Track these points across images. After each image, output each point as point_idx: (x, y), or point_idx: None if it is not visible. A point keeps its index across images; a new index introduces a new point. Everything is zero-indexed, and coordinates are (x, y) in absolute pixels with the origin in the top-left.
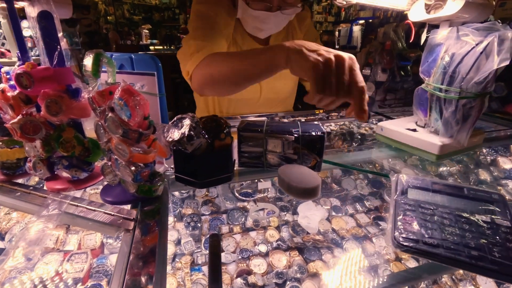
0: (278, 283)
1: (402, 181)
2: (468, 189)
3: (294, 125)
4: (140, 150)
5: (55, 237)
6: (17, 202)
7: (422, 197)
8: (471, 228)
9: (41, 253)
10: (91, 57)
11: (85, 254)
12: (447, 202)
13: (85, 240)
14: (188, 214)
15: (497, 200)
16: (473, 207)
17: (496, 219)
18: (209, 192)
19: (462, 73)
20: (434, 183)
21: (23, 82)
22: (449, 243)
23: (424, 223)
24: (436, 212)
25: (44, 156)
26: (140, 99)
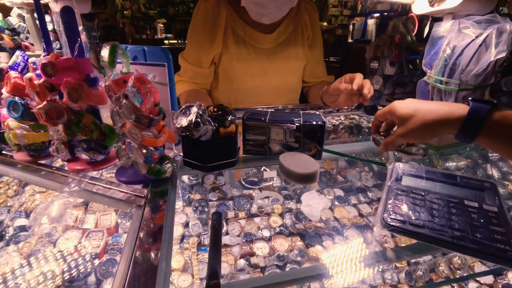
0: (279, 265)
1: (397, 169)
2: (461, 177)
3: (296, 115)
4: (151, 134)
5: (75, 216)
6: (42, 180)
7: (415, 183)
8: (458, 212)
9: (62, 230)
10: (108, 48)
11: (101, 232)
12: (439, 189)
13: (101, 219)
14: (197, 199)
15: (488, 188)
16: (463, 194)
17: (484, 204)
18: (216, 180)
19: (462, 65)
20: (428, 171)
21: (48, 71)
22: (434, 224)
23: (413, 206)
24: (426, 197)
25: (66, 139)
26: (151, 87)
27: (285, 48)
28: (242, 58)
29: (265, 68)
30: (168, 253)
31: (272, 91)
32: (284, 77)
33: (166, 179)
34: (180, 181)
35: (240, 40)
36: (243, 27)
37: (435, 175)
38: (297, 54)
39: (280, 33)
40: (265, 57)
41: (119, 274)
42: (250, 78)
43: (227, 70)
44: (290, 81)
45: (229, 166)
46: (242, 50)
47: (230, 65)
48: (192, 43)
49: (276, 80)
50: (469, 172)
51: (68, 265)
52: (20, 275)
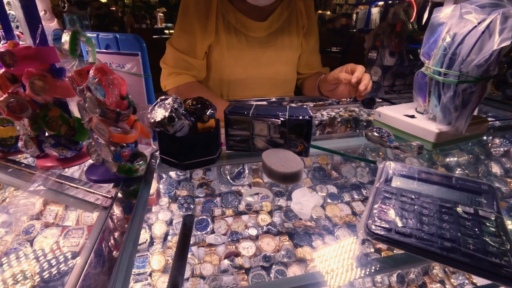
0: (265, 266)
1: (388, 168)
2: (457, 178)
3: (282, 109)
4: (120, 130)
5: (55, 213)
6: (8, 177)
7: (406, 185)
8: (451, 219)
9: (40, 227)
10: (68, 35)
11: (81, 230)
12: (431, 192)
13: (82, 217)
14: (183, 195)
15: (486, 191)
16: (458, 197)
17: (480, 210)
18: (205, 175)
19: (462, 54)
20: (422, 172)
21: (7, 60)
22: (422, 233)
23: (401, 211)
24: (416, 201)
25: (33, 134)
26: (113, 78)
27: (278, 37)
28: (233, 47)
29: (257, 58)
30: (131, 258)
31: (265, 83)
32: (278, 68)
33: (139, 178)
34: (168, 176)
35: (231, 28)
36: (234, 13)
37: (429, 175)
38: (292, 43)
39: (273, 21)
40: (258, 47)
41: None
42: (241, 68)
43: (217, 60)
44: (284, 71)
45: (209, 163)
46: (233, 38)
47: (221, 55)
48: (183, 30)
49: (269, 71)
50: (470, 169)
51: (46, 264)
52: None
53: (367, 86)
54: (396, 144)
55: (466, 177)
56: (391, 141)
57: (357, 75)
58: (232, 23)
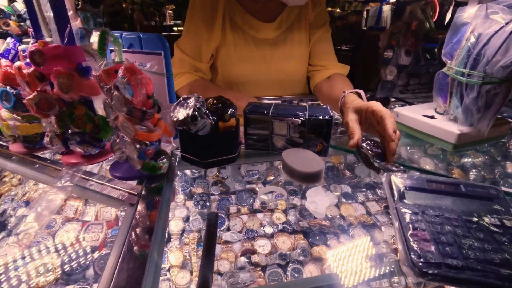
0: (281, 264)
1: (396, 182)
2: (465, 185)
3: (301, 108)
4: (144, 128)
5: (75, 208)
6: (36, 173)
7: (422, 200)
8: (486, 236)
9: (62, 222)
10: (97, 35)
11: (101, 225)
12: (449, 204)
13: (101, 212)
14: (198, 193)
15: (496, 196)
16: (476, 207)
17: (504, 219)
18: (219, 173)
19: (487, 55)
20: (429, 181)
21: (36, 59)
22: (474, 263)
23: (438, 236)
24: (443, 219)
25: (59, 131)
26: (142, 78)
27: (288, 36)
28: (241, 49)
29: (266, 59)
30: (160, 252)
31: (275, 84)
32: (288, 69)
33: (162, 175)
34: (183, 173)
35: (238, 29)
36: (241, 15)
37: (438, 185)
38: (301, 42)
39: (282, 21)
40: (267, 48)
41: (105, 273)
42: (249, 70)
43: (224, 62)
44: (294, 72)
45: (229, 162)
46: (241, 40)
47: (228, 56)
48: (189, 32)
49: (278, 72)
50: (486, 170)
51: (67, 257)
52: (18, 267)
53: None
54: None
55: (472, 182)
56: (380, 160)
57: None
58: (240, 24)
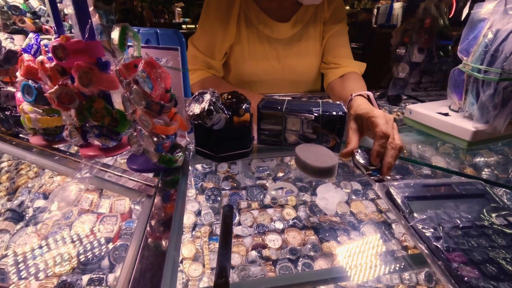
0: (291, 259)
1: (396, 193)
2: (456, 184)
3: (315, 104)
4: (162, 122)
5: (90, 200)
6: (56, 164)
7: (427, 210)
8: (509, 241)
9: (77, 213)
10: (118, 30)
11: (115, 217)
12: (453, 209)
13: (115, 204)
14: (209, 187)
15: (485, 191)
16: (477, 208)
17: (508, 217)
18: (230, 169)
19: (505, 52)
20: (425, 186)
21: (59, 54)
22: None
23: (471, 254)
24: (462, 230)
25: (78, 124)
26: (161, 72)
27: (302, 35)
28: (255, 48)
29: (280, 59)
30: (178, 243)
31: (288, 83)
32: (301, 69)
33: (177, 168)
34: (194, 168)
35: (253, 28)
36: (257, 14)
37: (434, 189)
38: (316, 40)
39: (297, 20)
40: (281, 47)
41: (127, 261)
42: (263, 70)
43: (238, 61)
44: (308, 71)
45: (243, 156)
46: (255, 39)
47: (242, 56)
48: (204, 30)
49: (292, 72)
50: (499, 169)
51: (83, 248)
52: (37, 256)
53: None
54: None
55: (459, 180)
56: (375, 174)
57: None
58: (254, 23)
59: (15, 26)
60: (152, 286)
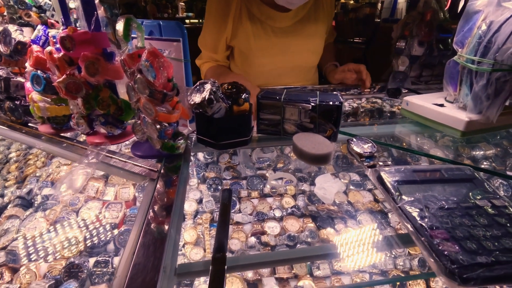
0: (289, 245)
1: (387, 179)
2: (445, 170)
3: (312, 94)
4: (164, 110)
5: (96, 188)
6: (64, 151)
7: (416, 193)
8: (490, 221)
9: (84, 200)
10: (123, 21)
11: (120, 204)
12: (441, 192)
13: (120, 192)
14: (211, 177)
15: (473, 176)
16: (464, 191)
17: (492, 200)
18: (231, 159)
19: (498, 43)
20: (416, 171)
21: (66, 44)
22: (499, 255)
23: (454, 232)
24: (447, 211)
25: (85, 113)
26: (164, 61)
27: (305, 25)
28: (260, 39)
29: (284, 48)
30: (178, 225)
31: (292, 71)
32: (306, 56)
33: (179, 155)
34: (196, 159)
35: (256, 20)
36: (258, 6)
37: (424, 173)
38: (317, 30)
39: (299, 10)
40: (284, 36)
41: (129, 242)
42: (269, 59)
43: (244, 53)
44: (312, 59)
45: (242, 144)
46: (259, 30)
47: (248, 47)
48: (206, 28)
49: (296, 59)
50: (497, 162)
51: (90, 233)
52: (46, 240)
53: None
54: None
55: (449, 165)
56: (369, 161)
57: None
58: (257, 15)
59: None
60: (152, 268)
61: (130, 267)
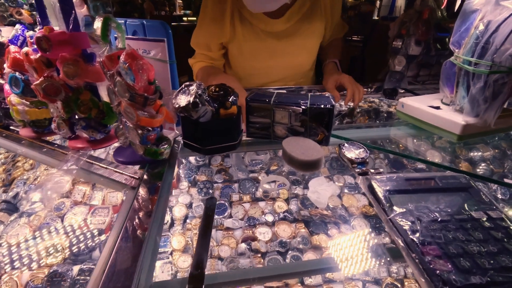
0: (280, 252)
1: (378, 188)
2: (439, 178)
3: (303, 97)
4: (147, 114)
5: (82, 192)
6: (43, 156)
7: (408, 203)
8: (485, 235)
9: (70, 205)
10: (100, 21)
11: (107, 209)
12: (434, 202)
13: (108, 197)
14: (202, 180)
15: (469, 185)
16: (458, 202)
17: (487, 211)
18: (223, 162)
19: (496, 44)
20: (408, 180)
21: (43, 45)
22: (494, 275)
23: (446, 248)
24: (440, 224)
25: (65, 116)
26: (143, 63)
27: (299, 28)
28: (250, 42)
29: (276, 51)
30: (158, 235)
31: (285, 74)
32: (299, 58)
33: (164, 161)
34: (187, 161)
35: (247, 23)
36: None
37: (416, 182)
38: (314, 31)
39: (292, 14)
40: (276, 39)
41: (104, 253)
42: (260, 62)
43: (235, 56)
44: (306, 60)
45: (230, 149)
46: (250, 34)
47: (239, 50)
48: (200, 27)
49: (289, 61)
50: (495, 164)
51: (75, 239)
52: (29, 247)
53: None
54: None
55: (443, 173)
56: (360, 167)
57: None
58: (249, 19)
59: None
60: (125, 278)
61: None
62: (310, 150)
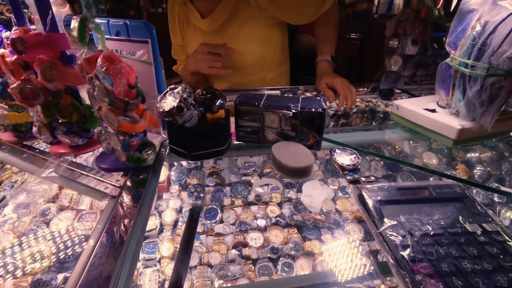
0: (272, 258)
1: (368, 199)
2: (433, 187)
3: (294, 100)
4: (128, 120)
5: (70, 197)
6: (23, 162)
7: (399, 215)
8: (480, 251)
9: (56, 210)
10: (77, 21)
11: (94, 214)
12: (427, 214)
13: (96, 201)
14: (193, 184)
15: (464, 195)
16: (452, 214)
17: (483, 224)
18: (216, 164)
19: (493, 45)
20: (400, 189)
21: (18, 47)
22: None
23: (438, 266)
24: (432, 239)
25: (45, 121)
26: (121, 67)
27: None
28: (194, 44)
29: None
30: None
31: (242, 69)
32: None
33: (148, 167)
34: (179, 164)
35: (191, 25)
36: (192, 10)
37: (409, 192)
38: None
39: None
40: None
41: (79, 264)
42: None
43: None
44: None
45: (218, 155)
46: (192, 35)
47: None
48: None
49: (235, 60)
50: (493, 166)
51: (60, 246)
52: (12, 254)
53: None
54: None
55: (437, 182)
56: (352, 174)
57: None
58: (192, 20)
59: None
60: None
61: None
62: (300, 156)
